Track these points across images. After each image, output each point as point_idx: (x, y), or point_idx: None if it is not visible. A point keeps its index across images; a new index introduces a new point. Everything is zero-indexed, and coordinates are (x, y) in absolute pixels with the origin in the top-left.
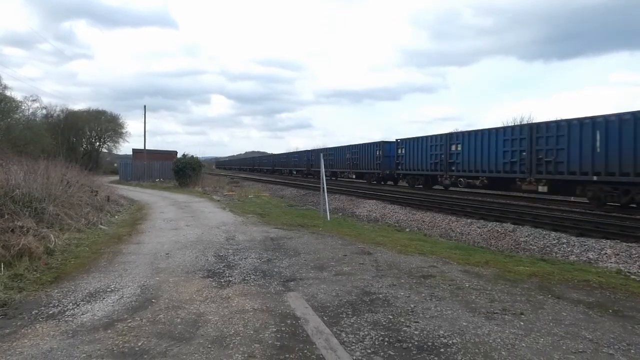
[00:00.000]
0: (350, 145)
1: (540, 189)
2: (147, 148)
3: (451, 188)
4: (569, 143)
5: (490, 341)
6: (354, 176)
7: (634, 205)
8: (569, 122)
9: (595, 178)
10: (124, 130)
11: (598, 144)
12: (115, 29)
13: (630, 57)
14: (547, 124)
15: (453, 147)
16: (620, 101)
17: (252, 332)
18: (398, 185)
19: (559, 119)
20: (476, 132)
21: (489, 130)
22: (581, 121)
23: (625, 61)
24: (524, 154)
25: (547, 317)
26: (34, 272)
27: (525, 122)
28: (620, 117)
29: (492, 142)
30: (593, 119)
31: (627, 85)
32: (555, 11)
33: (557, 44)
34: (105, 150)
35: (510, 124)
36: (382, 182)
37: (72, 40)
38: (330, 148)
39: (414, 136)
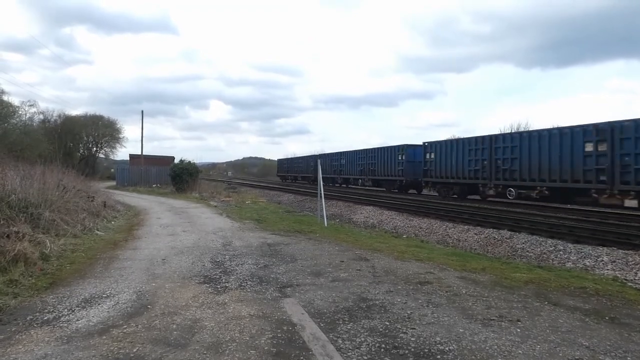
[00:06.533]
0: (365, 149)
1: (628, 203)
2: (144, 153)
3: (494, 199)
4: None
5: (487, 348)
6: (369, 184)
7: None
8: None
9: None
10: (121, 136)
11: None
12: (116, 34)
13: (626, 65)
14: (637, 122)
15: (500, 151)
16: (616, 107)
17: (248, 338)
18: (422, 194)
19: None
20: (530, 133)
21: (550, 130)
22: None
23: (621, 69)
24: (602, 159)
25: (543, 323)
26: (29, 278)
27: (522, 128)
28: None
29: (555, 145)
30: None
31: (623, 92)
32: (553, 18)
33: (555, 51)
34: (102, 156)
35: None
36: (405, 191)
37: (72, 46)
38: (342, 152)
39: (447, 139)
